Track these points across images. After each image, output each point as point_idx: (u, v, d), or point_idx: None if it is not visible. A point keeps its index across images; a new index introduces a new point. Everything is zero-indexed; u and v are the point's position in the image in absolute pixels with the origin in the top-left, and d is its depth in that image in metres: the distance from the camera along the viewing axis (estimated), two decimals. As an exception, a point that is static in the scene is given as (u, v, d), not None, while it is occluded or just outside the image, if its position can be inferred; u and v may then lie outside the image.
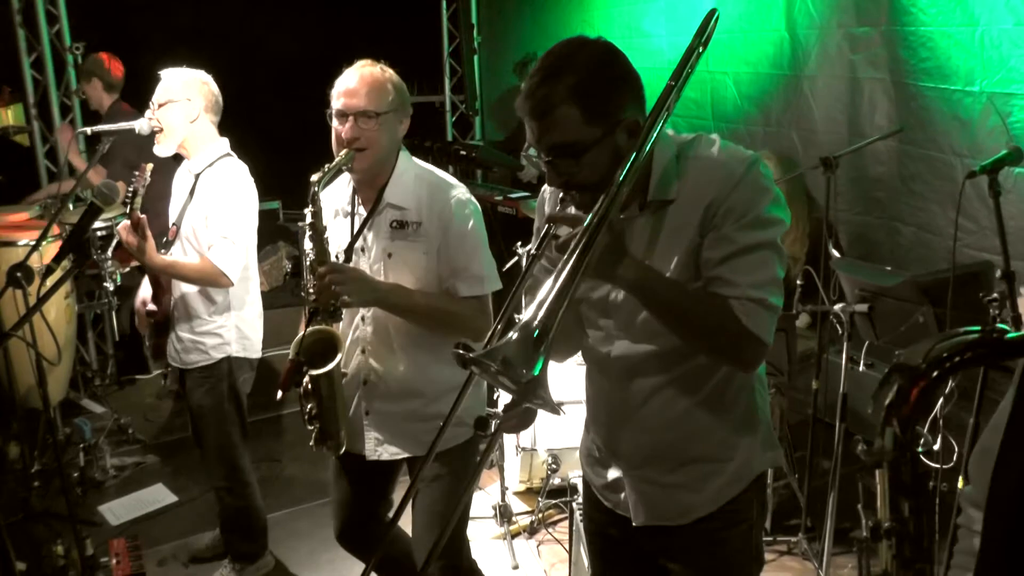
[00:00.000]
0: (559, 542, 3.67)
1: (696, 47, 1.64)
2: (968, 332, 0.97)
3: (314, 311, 2.31)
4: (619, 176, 1.50)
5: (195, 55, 3.32)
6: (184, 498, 4.13)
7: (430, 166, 2.53)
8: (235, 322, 3.17)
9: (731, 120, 5.10)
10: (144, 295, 3.19)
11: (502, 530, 3.74)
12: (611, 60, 1.62)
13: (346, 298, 2.28)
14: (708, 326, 1.62)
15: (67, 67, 5.79)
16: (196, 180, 3.08)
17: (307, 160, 2.54)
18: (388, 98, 2.37)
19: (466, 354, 1.38)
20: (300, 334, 2.34)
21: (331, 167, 2.30)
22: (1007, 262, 2.72)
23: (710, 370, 1.74)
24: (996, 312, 2.66)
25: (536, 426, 3.64)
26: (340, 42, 4.47)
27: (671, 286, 1.63)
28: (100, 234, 4.62)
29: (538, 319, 1.35)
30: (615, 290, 1.73)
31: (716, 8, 1.66)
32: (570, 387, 3.28)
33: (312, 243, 2.29)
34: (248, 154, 3.19)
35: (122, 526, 3.90)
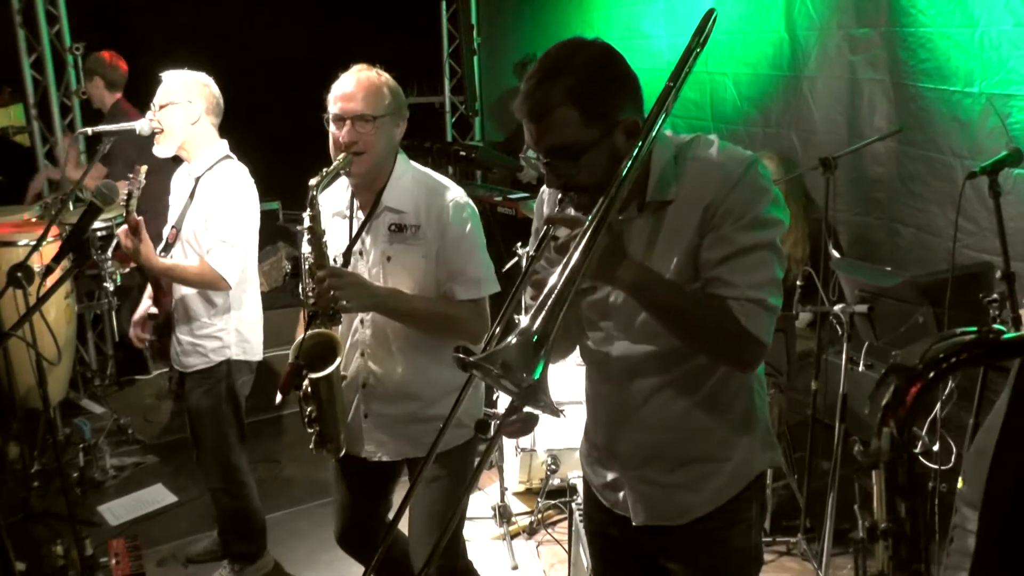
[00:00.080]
0: (558, 542, 3.67)
1: (694, 47, 1.64)
2: (965, 333, 0.97)
3: (313, 315, 2.32)
4: (618, 177, 1.50)
5: (195, 55, 3.32)
6: (184, 498, 4.13)
7: (428, 169, 2.53)
8: (235, 325, 3.17)
9: (730, 121, 5.09)
10: (142, 314, 3.22)
11: (501, 530, 3.74)
12: (609, 61, 1.62)
13: (345, 303, 2.28)
14: (707, 327, 1.62)
15: (67, 67, 5.78)
16: (196, 183, 3.08)
17: (307, 160, 2.55)
18: (384, 102, 2.37)
19: (466, 358, 1.38)
20: (299, 338, 2.35)
21: (329, 171, 2.30)
22: (1007, 263, 2.72)
23: (709, 370, 1.74)
24: (996, 313, 2.67)
25: (535, 427, 3.63)
26: (340, 43, 4.48)
27: (670, 287, 1.63)
28: (100, 234, 4.63)
29: (538, 323, 1.35)
30: (614, 291, 1.73)
31: (714, 8, 1.66)
32: (570, 388, 3.29)
33: (311, 247, 2.29)
34: (248, 154, 3.19)
35: (122, 526, 3.91)
